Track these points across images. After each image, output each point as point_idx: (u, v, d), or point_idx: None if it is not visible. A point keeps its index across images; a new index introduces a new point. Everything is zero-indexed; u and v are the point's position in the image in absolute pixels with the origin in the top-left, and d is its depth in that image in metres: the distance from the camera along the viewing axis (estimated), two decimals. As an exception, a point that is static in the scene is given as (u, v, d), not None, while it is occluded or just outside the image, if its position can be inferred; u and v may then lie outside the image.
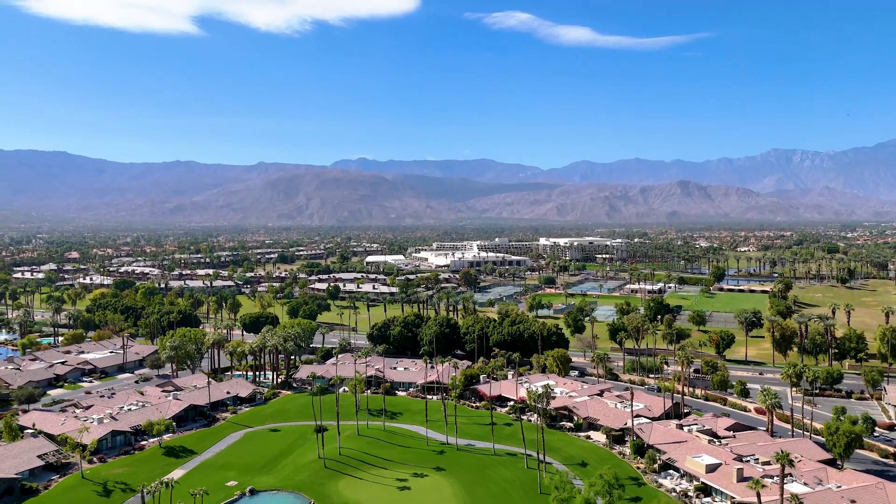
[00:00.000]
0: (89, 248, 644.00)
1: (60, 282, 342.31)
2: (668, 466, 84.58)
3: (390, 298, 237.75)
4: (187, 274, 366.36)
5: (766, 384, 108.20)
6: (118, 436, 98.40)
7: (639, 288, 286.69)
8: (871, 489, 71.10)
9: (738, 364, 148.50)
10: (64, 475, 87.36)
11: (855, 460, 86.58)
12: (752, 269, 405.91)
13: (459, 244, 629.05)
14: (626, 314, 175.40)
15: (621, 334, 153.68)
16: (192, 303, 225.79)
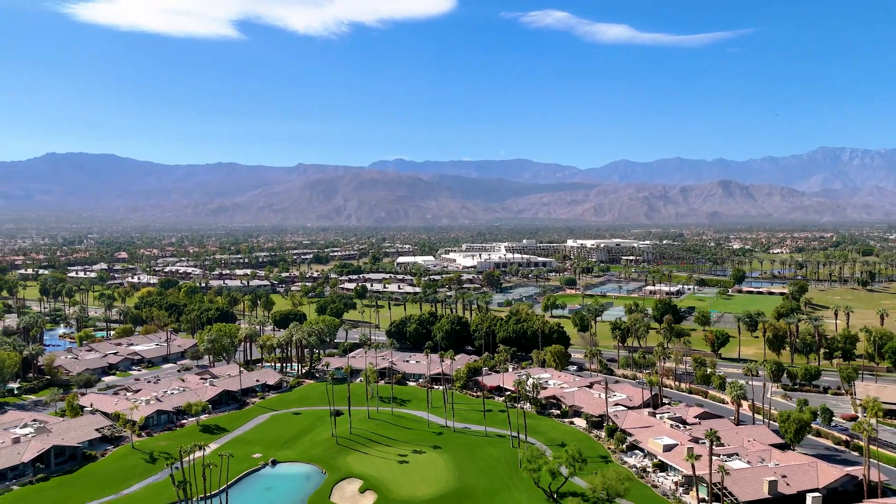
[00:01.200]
0: (137, 248, 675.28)
1: (111, 280, 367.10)
2: (635, 447, 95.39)
3: (412, 298, 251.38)
4: (227, 274, 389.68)
5: (750, 381, 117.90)
6: (162, 415, 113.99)
7: (656, 289, 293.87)
8: (804, 467, 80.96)
9: (732, 362, 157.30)
10: (117, 446, 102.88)
11: (808, 445, 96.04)
12: (777, 271, 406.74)
13: (488, 245, 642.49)
14: (632, 314, 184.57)
15: (616, 332, 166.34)
16: (230, 301, 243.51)
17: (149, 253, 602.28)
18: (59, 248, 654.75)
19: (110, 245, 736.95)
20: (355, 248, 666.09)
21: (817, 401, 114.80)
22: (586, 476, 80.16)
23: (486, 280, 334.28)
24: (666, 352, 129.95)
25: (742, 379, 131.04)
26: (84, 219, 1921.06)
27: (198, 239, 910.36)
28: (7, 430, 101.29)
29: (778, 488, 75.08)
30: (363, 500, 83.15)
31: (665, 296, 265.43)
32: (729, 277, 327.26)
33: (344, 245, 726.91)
